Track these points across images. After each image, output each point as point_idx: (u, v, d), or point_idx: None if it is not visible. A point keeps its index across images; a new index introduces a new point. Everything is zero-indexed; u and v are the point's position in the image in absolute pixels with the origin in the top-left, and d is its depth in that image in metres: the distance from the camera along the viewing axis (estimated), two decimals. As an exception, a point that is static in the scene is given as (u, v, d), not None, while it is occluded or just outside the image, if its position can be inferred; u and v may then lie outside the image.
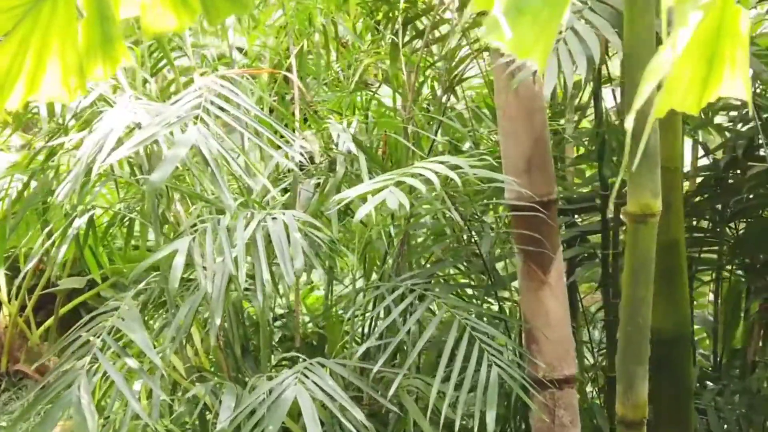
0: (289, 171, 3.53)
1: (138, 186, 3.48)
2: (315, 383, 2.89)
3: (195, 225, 3.07)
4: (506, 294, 3.84)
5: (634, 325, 2.80)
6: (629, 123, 1.14)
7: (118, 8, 1.77)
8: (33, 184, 3.57)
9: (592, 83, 3.42)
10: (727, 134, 4.19)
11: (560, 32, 2.66)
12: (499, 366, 2.94)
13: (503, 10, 1.13)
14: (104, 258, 4.10)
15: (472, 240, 3.65)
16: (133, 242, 4.10)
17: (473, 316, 3.13)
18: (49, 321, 6.41)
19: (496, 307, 3.80)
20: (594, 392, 4.11)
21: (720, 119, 4.18)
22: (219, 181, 2.64)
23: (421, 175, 2.72)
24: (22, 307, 6.37)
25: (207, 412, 3.27)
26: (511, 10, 1.14)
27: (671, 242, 3.04)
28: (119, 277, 5.15)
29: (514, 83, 2.86)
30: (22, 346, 6.51)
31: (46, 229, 3.49)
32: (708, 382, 4.03)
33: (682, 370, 3.38)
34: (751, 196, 3.86)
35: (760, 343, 4.16)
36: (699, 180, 4.21)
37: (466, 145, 4.03)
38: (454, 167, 2.77)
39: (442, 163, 2.78)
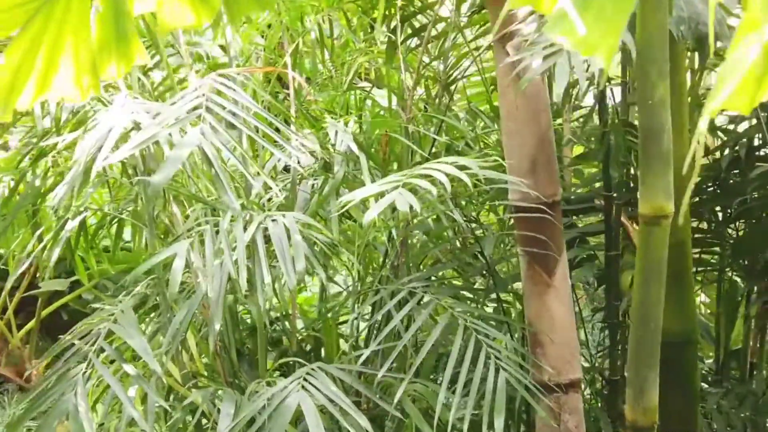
0: (284, 170, 3.47)
1: (130, 186, 3.42)
2: (318, 389, 2.83)
3: (192, 228, 3.01)
4: (504, 296, 3.79)
5: (645, 329, 2.76)
6: (704, 125, 1.08)
7: (133, 4, 1.71)
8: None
9: (596, 82, 3.37)
10: (720, 134, 4.16)
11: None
12: (506, 370, 2.89)
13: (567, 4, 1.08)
14: (92, 260, 4.02)
15: (471, 242, 3.61)
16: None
17: (476, 318, 3.08)
18: (31, 323, 6.32)
19: (497, 309, 3.75)
20: (591, 395, 4.07)
21: (718, 119, 4.15)
22: (223, 182, 2.56)
23: (428, 176, 2.67)
24: (3, 310, 6.26)
25: (203, 418, 3.21)
26: (576, 3, 1.08)
27: (678, 243, 3.00)
28: (103, 280, 5.08)
29: (522, 83, 2.80)
30: (2, 349, 6.40)
31: (38, 232, 3.41)
32: (705, 384, 3.99)
33: (689, 374, 3.35)
34: (753, 197, 3.83)
35: (758, 345, 4.13)
36: (697, 180, 4.17)
37: (460, 146, 3.97)
38: (462, 168, 2.71)
39: (449, 163, 2.72)
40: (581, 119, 4.40)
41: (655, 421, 2.81)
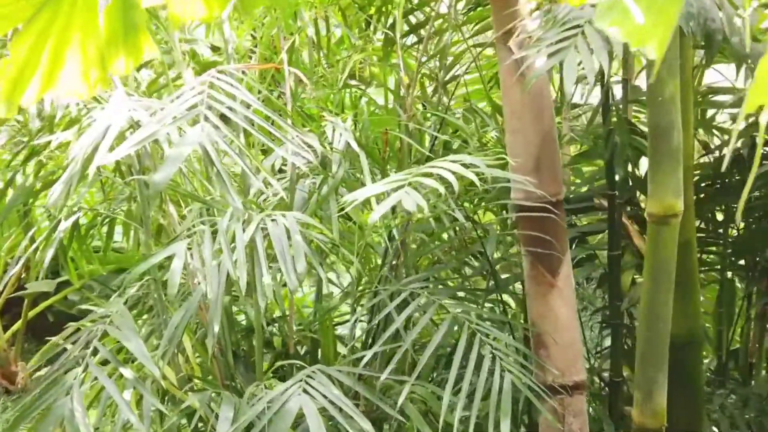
0: (279, 171, 3.42)
1: (123, 186, 3.36)
2: (320, 392, 2.77)
3: (190, 228, 2.96)
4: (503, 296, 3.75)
5: (653, 329, 2.73)
6: (765, 119, 1.03)
7: (143, -5, 1.64)
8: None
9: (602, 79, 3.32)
10: (715, 131, 4.13)
11: (579, 26, 2.57)
12: (511, 372, 2.84)
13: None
14: (82, 262, 3.95)
15: (470, 242, 3.56)
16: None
17: (478, 319, 3.04)
18: (17, 324, 6.24)
19: (493, 310, 3.71)
20: (589, 397, 4.02)
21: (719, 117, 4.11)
22: (225, 181, 2.50)
23: (434, 174, 2.61)
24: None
25: (199, 422, 3.15)
26: (626, -8, 1.03)
27: (684, 243, 2.95)
28: (91, 281, 5.01)
29: (529, 81, 2.76)
30: (-13, 351, 6.32)
31: (30, 233, 3.34)
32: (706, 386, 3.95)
33: (694, 375, 3.31)
34: (755, 197, 3.79)
35: (757, 345, 4.09)
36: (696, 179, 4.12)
37: (455, 144, 3.92)
38: (468, 166, 2.66)
39: (455, 162, 2.67)
40: (579, 117, 4.37)
41: (664, 423, 2.78)
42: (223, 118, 2.70)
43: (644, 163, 3.93)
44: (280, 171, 3.42)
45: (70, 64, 1.62)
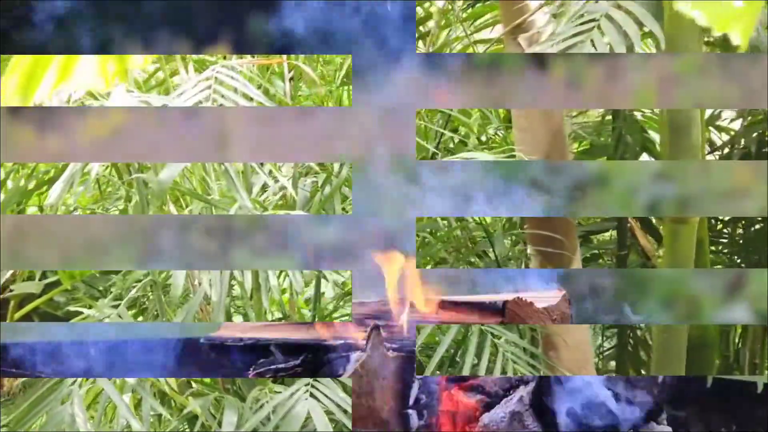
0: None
1: (120, 184, 3.30)
2: (327, 396, 2.71)
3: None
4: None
5: (671, 332, 2.68)
6: None
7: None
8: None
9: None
10: (712, 129, 4.10)
11: (595, 20, 2.51)
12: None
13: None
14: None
15: (473, 241, 3.52)
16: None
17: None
18: (3, 327, 6.13)
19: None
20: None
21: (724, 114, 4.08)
22: (233, 179, 2.44)
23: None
24: (-26, 314, 6.08)
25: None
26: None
27: (697, 242, 2.91)
28: (78, 281, 4.93)
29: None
30: (-28, 354, 6.21)
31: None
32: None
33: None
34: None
35: (760, 346, 4.06)
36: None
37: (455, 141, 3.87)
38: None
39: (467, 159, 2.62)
40: (578, 115, 4.33)
41: (678, 427, 2.72)
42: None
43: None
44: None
45: (86, 57, 1.55)
